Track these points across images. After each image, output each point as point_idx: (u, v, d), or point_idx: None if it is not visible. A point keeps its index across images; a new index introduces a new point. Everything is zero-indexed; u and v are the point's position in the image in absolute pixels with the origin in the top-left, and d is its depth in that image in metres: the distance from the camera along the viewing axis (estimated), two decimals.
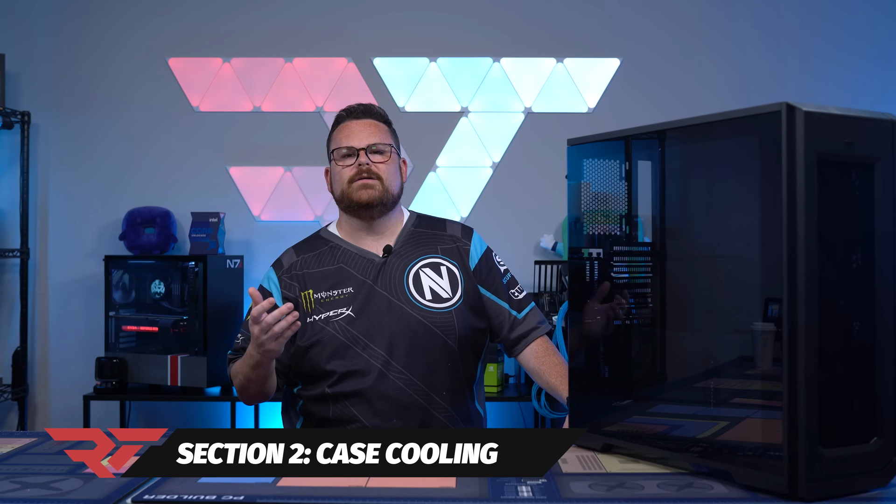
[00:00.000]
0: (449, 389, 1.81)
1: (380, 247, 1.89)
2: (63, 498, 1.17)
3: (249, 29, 3.87)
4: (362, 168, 1.86)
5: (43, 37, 3.92)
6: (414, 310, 1.81)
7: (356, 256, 1.88)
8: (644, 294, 1.38)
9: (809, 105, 1.11)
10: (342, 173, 1.88)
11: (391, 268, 1.86)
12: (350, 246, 1.91)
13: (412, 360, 1.78)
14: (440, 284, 1.85)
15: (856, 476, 1.14)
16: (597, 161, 1.45)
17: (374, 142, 1.88)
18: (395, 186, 1.91)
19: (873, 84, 3.78)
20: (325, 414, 1.81)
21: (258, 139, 3.87)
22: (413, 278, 1.85)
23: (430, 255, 1.89)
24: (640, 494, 1.17)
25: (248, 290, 1.69)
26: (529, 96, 3.84)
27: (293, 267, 1.91)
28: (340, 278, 1.86)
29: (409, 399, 1.77)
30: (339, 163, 1.89)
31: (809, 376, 1.09)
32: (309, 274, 1.88)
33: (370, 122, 1.92)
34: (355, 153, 1.87)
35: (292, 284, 1.88)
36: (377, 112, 1.96)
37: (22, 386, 3.77)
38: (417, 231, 1.95)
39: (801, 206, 1.10)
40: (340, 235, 1.94)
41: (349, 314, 1.80)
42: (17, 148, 3.81)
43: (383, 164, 1.88)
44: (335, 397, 1.79)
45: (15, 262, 3.86)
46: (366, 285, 1.84)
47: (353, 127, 1.91)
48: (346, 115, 1.94)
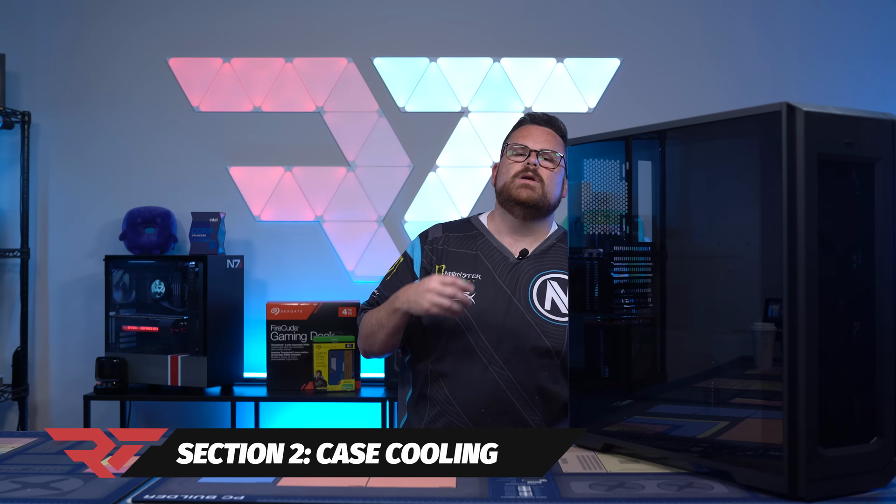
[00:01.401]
0: (543, 397, 1.87)
1: (519, 248, 1.98)
2: (63, 498, 1.17)
3: (249, 29, 3.87)
4: (529, 167, 1.94)
5: (43, 37, 3.92)
6: (531, 315, 1.89)
7: (494, 250, 1.98)
8: (644, 294, 1.38)
9: (809, 105, 1.11)
10: (510, 167, 1.97)
11: (522, 271, 1.94)
12: (493, 239, 2.00)
13: (515, 360, 1.86)
14: (563, 299, 1.91)
15: (856, 476, 1.14)
16: (597, 161, 1.45)
17: (548, 148, 1.97)
18: (554, 195, 1.98)
19: (873, 84, 3.78)
20: (424, 390, 1.93)
21: (258, 139, 3.87)
22: (539, 286, 1.92)
23: (561, 270, 1.95)
24: (641, 494, 1.17)
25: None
26: (529, 96, 3.84)
27: (437, 241, 2.01)
28: (475, 264, 1.95)
29: (502, 394, 1.85)
30: (511, 158, 1.98)
31: (809, 376, 1.09)
32: (449, 251, 1.98)
33: (549, 132, 2.00)
34: (528, 153, 1.96)
35: (432, 256, 1.98)
36: (558, 125, 2.04)
37: (22, 386, 3.77)
38: (559, 245, 2.01)
39: (801, 206, 1.10)
40: (489, 227, 2.03)
41: (471, 299, 1.85)
42: (17, 148, 3.81)
43: (549, 170, 1.96)
44: (434, 375, 1.90)
45: (15, 262, 3.86)
46: (494, 279, 1.93)
47: (533, 131, 2.00)
48: (529, 120, 2.05)
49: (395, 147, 3.85)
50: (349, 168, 3.85)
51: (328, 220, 3.86)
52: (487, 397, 1.85)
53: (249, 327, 3.72)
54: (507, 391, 1.85)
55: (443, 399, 1.89)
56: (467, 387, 1.86)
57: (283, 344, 3.47)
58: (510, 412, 1.85)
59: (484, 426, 1.84)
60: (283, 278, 3.84)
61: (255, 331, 3.72)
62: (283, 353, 3.47)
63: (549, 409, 1.88)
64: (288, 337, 3.47)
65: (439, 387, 1.90)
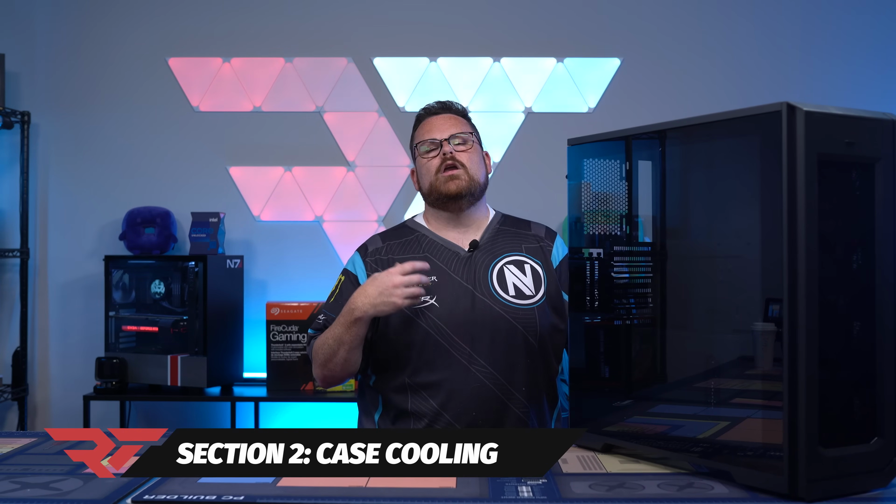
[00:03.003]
0: (528, 385, 1.84)
1: (466, 240, 1.93)
2: (63, 498, 1.17)
3: (249, 29, 3.87)
4: (446, 157, 1.90)
5: (43, 37, 3.91)
6: (497, 305, 1.84)
7: (442, 248, 1.92)
8: (644, 294, 1.38)
9: (810, 105, 1.11)
10: (428, 165, 1.93)
11: (476, 262, 1.89)
12: (436, 237, 1.94)
13: (494, 355, 1.81)
14: (524, 282, 1.88)
15: (856, 476, 1.14)
16: (597, 161, 1.46)
17: (456, 132, 1.93)
18: (481, 176, 1.95)
19: (873, 84, 3.78)
20: (404, 406, 1.83)
21: (258, 139, 3.87)
22: (497, 274, 1.88)
23: (514, 252, 1.92)
24: (641, 494, 1.17)
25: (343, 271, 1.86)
26: (529, 96, 3.84)
27: (379, 252, 1.94)
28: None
29: (489, 392, 1.80)
30: (424, 157, 1.94)
31: (810, 376, 1.09)
32: (394, 259, 1.88)
33: (449, 116, 1.98)
34: (438, 144, 1.92)
35: (376, 268, 1.88)
36: (455, 107, 2.01)
37: (22, 386, 3.77)
38: (503, 229, 1.98)
39: (801, 206, 1.10)
40: (428, 227, 1.98)
41: (433, 303, 1.82)
42: (17, 148, 3.81)
43: (466, 153, 1.92)
44: (414, 389, 1.82)
45: (15, 262, 3.85)
46: (451, 277, 1.86)
47: (434, 122, 1.97)
48: (424, 114, 2.01)
49: (395, 147, 3.84)
50: (349, 168, 3.85)
51: (328, 220, 3.86)
52: (476, 398, 1.79)
53: (249, 327, 3.72)
54: (494, 389, 1.80)
55: (430, 411, 1.80)
56: (455, 392, 1.79)
57: (283, 344, 3.47)
58: (502, 409, 1.81)
59: (477, 428, 1.79)
60: (283, 278, 3.84)
61: (254, 331, 3.72)
62: (282, 353, 3.47)
63: (534, 396, 1.84)
64: (288, 337, 3.47)
65: (423, 399, 1.81)
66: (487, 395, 1.80)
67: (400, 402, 1.84)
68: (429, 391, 1.81)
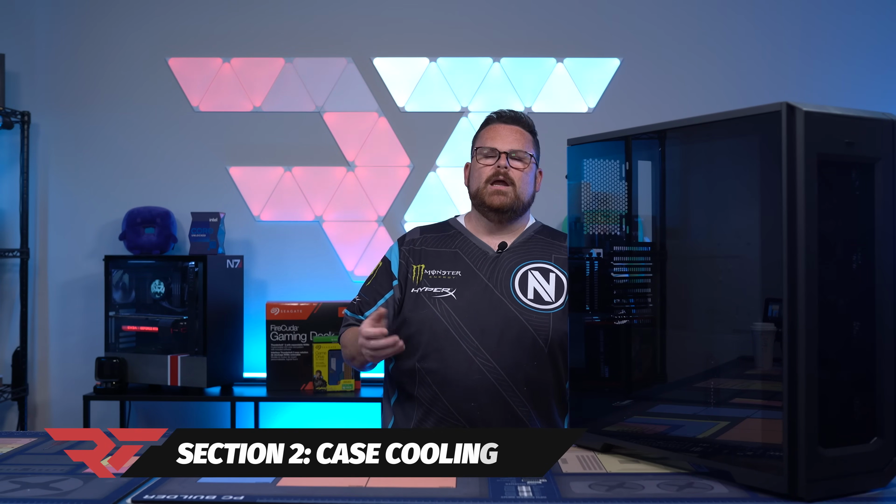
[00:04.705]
0: (531, 386, 1.87)
1: (497, 242, 2.00)
2: (63, 498, 1.17)
3: (249, 29, 3.87)
4: (500, 170, 1.96)
5: (43, 37, 3.91)
6: (513, 305, 1.89)
7: (473, 247, 2.00)
8: (644, 294, 1.38)
9: (809, 105, 1.11)
10: (481, 171, 1.99)
11: (502, 263, 1.96)
12: (471, 236, 2.02)
13: (500, 350, 1.86)
14: (545, 288, 1.93)
15: (856, 476, 1.14)
16: (597, 161, 1.46)
17: (517, 148, 1.98)
18: (527, 194, 2.01)
19: (873, 84, 3.78)
20: (411, 391, 1.92)
21: (258, 139, 3.86)
22: (520, 277, 1.94)
23: (542, 260, 1.97)
24: (641, 494, 1.17)
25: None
26: (529, 96, 3.84)
27: (414, 243, 2.03)
28: (454, 262, 1.97)
29: (490, 386, 1.85)
30: (481, 161, 2.00)
31: (809, 376, 1.09)
32: (426, 251, 2.00)
33: (517, 129, 2.02)
34: (497, 155, 1.97)
35: (409, 257, 2.00)
36: (525, 121, 2.05)
37: (22, 386, 3.77)
38: (537, 237, 2.04)
39: (801, 206, 1.10)
40: (467, 227, 2.06)
41: (451, 295, 1.90)
42: (17, 148, 3.81)
43: (520, 171, 1.98)
44: (421, 373, 1.89)
45: (15, 262, 3.85)
46: (474, 274, 1.94)
47: (501, 130, 2.01)
48: (496, 118, 2.05)
49: (395, 147, 3.84)
50: (349, 168, 3.85)
51: (328, 220, 3.86)
52: (476, 390, 1.84)
53: (249, 327, 3.72)
54: (494, 383, 1.84)
55: (430, 397, 1.88)
56: (455, 381, 1.86)
57: (283, 344, 3.47)
58: (499, 404, 1.85)
59: (474, 420, 1.84)
60: (283, 278, 3.84)
61: (254, 331, 3.72)
62: (282, 353, 3.47)
63: (538, 399, 1.88)
64: (288, 337, 3.47)
65: (427, 385, 1.89)
66: (488, 388, 1.85)
67: (409, 386, 1.92)
68: (433, 377, 1.88)
